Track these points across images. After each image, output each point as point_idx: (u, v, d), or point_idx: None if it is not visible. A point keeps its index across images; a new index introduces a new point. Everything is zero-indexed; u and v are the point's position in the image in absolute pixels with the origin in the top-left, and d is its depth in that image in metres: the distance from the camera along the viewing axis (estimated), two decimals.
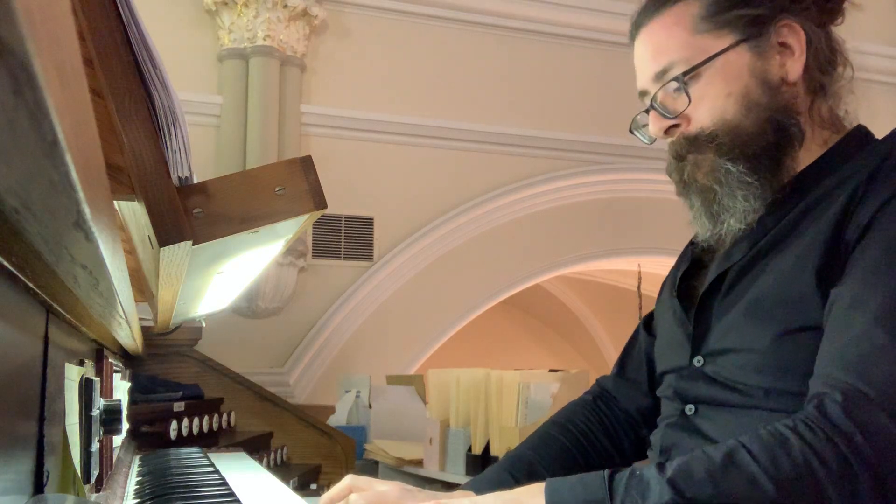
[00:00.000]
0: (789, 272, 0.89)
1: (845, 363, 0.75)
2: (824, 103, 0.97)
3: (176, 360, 2.84)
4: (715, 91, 0.95)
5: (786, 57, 0.95)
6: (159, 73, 0.72)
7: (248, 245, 0.93)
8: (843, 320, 0.79)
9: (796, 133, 0.95)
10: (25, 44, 0.19)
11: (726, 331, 0.95)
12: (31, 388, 0.57)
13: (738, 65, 0.95)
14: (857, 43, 3.00)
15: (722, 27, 0.96)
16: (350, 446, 3.10)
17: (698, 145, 0.97)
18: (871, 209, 0.83)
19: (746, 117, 0.94)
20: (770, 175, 0.94)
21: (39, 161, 0.26)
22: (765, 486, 0.70)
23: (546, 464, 1.08)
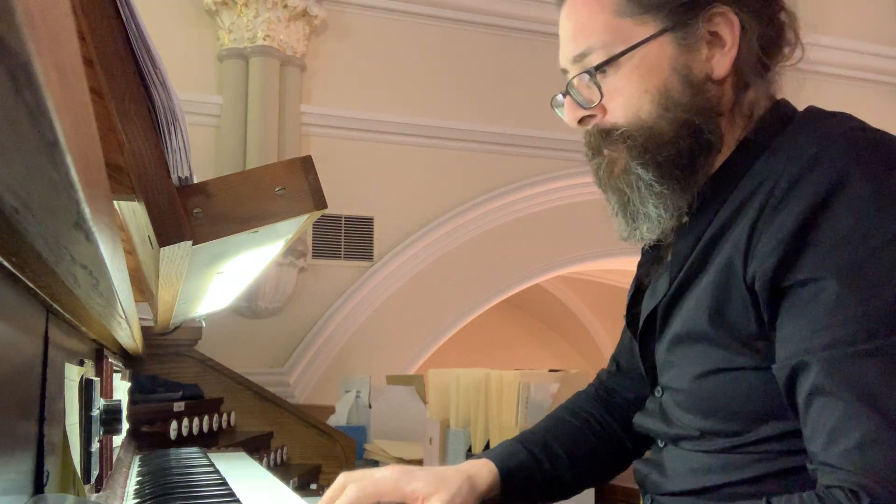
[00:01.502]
0: (693, 313, 0.86)
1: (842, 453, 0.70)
2: (748, 95, 0.89)
3: (176, 360, 2.84)
4: (632, 86, 0.87)
5: (714, 49, 0.87)
6: (159, 73, 0.72)
7: (248, 245, 0.93)
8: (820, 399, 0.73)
9: (713, 139, 0.87)
10: (25, 44, 0.19)
11: (663, 367, 0.96)
12: (31, 388, 0.57)
13: (660, 58, 0.86)
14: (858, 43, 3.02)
15: (647, 11, 0.87)
16: (350, 446, 3.10)
17: (612, 142, 0.90)
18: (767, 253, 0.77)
19: (662, 118, 0.86)
20: (681, 184, 0.88)
21: (39, 161, 0.26)
22: None
23: (560, 442, 1.08)
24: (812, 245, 0.74)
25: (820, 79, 6.11)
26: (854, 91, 6.15)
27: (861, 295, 0.71)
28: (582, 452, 1.09)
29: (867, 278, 0.72)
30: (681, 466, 0.92)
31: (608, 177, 0.93)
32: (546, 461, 1.05)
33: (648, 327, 0.98)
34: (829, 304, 0.73)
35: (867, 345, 0.70)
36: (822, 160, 0.76)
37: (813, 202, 0.74)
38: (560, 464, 1.06)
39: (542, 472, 1.05)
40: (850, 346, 0.71)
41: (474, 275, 5.06)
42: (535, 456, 1.05)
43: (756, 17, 0.87)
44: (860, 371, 0.70)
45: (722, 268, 0.83)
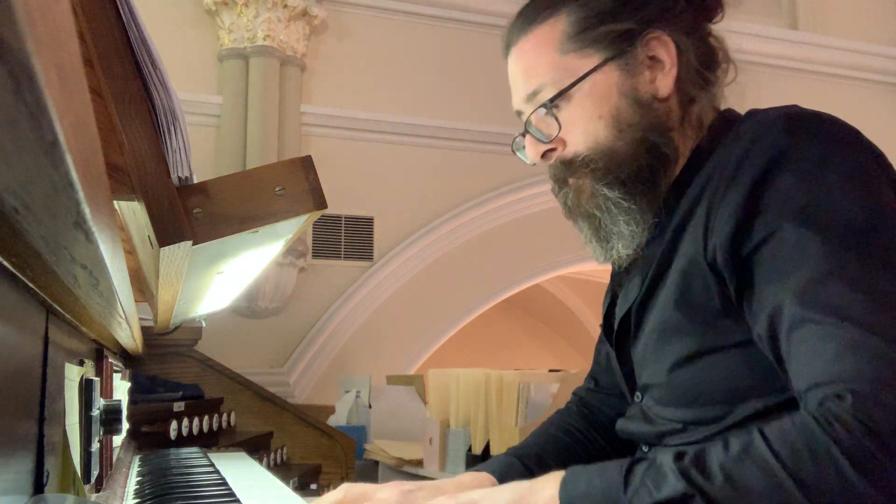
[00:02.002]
0: (665, 305, 0.90)
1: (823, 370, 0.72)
2: (695, 108, 0.94)
3: (176, 360, 2.84)
4: (586, 114, 0.93)
5: (656, 71, 0.93)
6: (159, 73, 0.72)
7: (248, 245, 0.93)
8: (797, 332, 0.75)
9: (669, 152, 0.93)
10: (25, 44, 0.19)
11: (641, 367, 0.98)
12: (31, 388, 0.57)
13: (607, 85, 0.93)
14: (858, 43, 3.02)
15: (588, 46, 0.93)
16: (350, 446, 3.10)
17: (575, 170, 0.95)
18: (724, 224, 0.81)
19: (619, 139, 0.92)
20: (647, 198, 0.93)
21: (39, 161, 0.26)
22: (782, 479, 0.66)
23: (552, 456, 1.09)
24: (762, 208, 0.79)
25: (820, 79, 6.11)
26: (854, 91, 6.15)
27: (817, 231, 0.76)
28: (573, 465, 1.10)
29: (819, 218, 0.76)
30: None
31: (577, 205, 0.97)
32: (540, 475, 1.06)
33: (623, 331, 1.01)
34: (789, 249, 0.77)
35: (832, 269, 0.74)
36: (762, 137, 0.82)
37: (758, 172, 0.80)
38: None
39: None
40: (816, 275, 0.74)
41: (474, 275, 5.06)
42: (531, 470, 1.05)
43: (689, 36, 0.94)
44: (829, 294, 0.73)
45: (684, 256, 0.87)
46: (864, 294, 0.72)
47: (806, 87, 5.93)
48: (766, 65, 5.88)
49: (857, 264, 0.74)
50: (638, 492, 0.70)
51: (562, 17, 0.94)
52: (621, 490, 0.71)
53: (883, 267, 0.74)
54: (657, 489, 0.69)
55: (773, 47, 5.90)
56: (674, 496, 0.68)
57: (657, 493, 0.69)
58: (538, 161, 0.99)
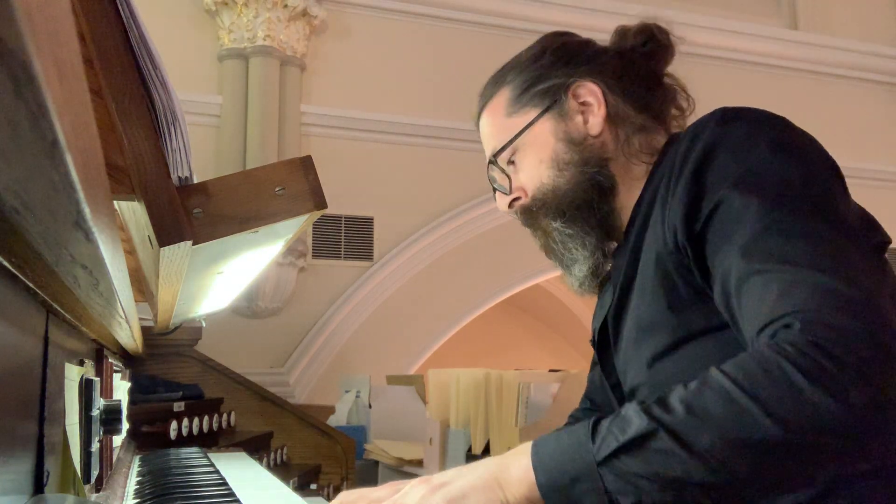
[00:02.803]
0: (638, 304, 0.96)
1: (771, 309, 0.75)
2: (636, 138, 1.04)
3: (176, 360, 2.84)
4: (529, 161, 1.07)
5: (588, 113, 1.04)
6: (159, 73, 0.72)
7: (248, 245, 0.93)
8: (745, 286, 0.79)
9: (604, 180, 1.03)
10: (25, 44, 0.19)
11: (624, 374, 1.02)
12: (31, 388, 0.57)
13: (544, 133, 1.05)
14: (858, 43, 3.02)
15: (526, 105, 1.07)
16: (350, 446, 3.10)
17: (531, 213, 1.08)
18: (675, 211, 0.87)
19: (560, 177, 1.04)
20: (587, 222, 1.04)
21: (39, 161, 0.26)
22: (740, 400, 0.68)
23: None
24: (706, 187, 0.86)
25: (820, 79, 6.11)
26: (854, 91, 6.15)
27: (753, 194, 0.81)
28: None
29: (755, 182, 0.82)
30: None
31: (544, 244, 1.10)
32: None
33: (603, 342, 1.07)
34: (732, 215, 0.82)
35: (770, 223, 0.79)
36: (700, 132, 0.90)
37: (699, 159, 0.87)
38: None
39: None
40: (756, 231, 0.79)
41: (474, 275, 5.06)
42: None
43: (619, 80, 1.05)
44: (769, 245, 0.78)
45: (648, 255, 0.94)
46: (801, 239, 0.77)
47: (806, 87, 5.93)
48: (766, 65, 5.89)
49: (792, 216, 0.79)
50: (605, 439, 0.72)
51: (506, 88, 1.10)
52: (589, 442, 0.73)
53: (816, 215, 0.79)
54: (622, 433, 0.71)
55: (773, 47, 5.90)
56: (637, 434, 0.70)
57: (622, 437, 0.71)
58: (507, 211, 1.12)
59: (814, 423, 0.67)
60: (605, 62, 1.07)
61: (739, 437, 0.68)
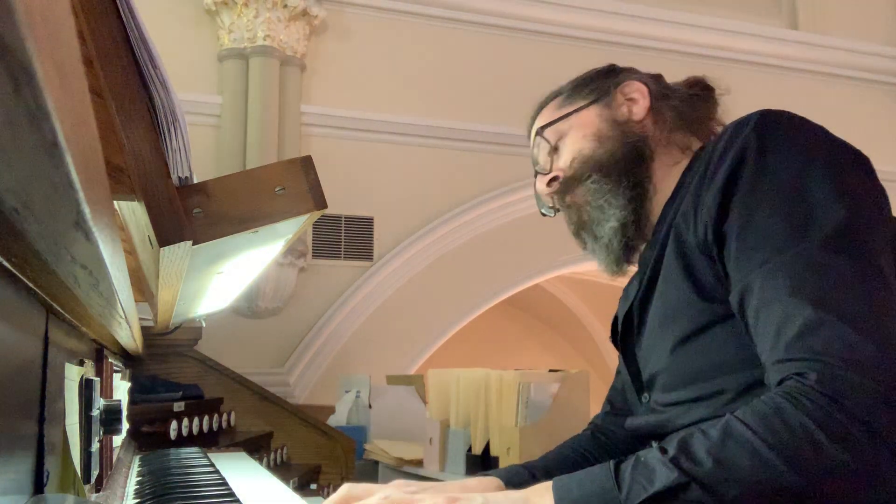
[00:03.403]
0: (664, 292, 0.98)
1: (787, 347, 0.77)
2: (676, 133, 1.11)
3: (176, 360, 2.84)
4: (574, 138, 1.14)
5: (632, 105, 1.12)
6: (159, 73, 0.72)
7: (248, 245, 0.93)
8: (762, 313, 0.81)
9: (642, 147, 1.09)
10: (25, 44, 0.19)
11: (645, 361, 1.04)
12: (31, 388, 0.57)
13: (591, 116, 1.14)
14: (858, 43, 3.01)
15: (576, 100, 1.16)
16: (350, 446, 3.10)
17: (567, 184, 1.13)
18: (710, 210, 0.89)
19: (600, 147, 1.10)
20: (621, 180, 1.08)
21: (39, 161, 0.26)
22: (767, 456, 0.71)
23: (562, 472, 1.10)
24: (740, 189, 0.87)
25: (820, 79, 6.11)
26: (854, 91, 6.15)
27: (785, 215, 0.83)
28: None
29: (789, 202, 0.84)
30: None
31: (576, 218, 1.14)
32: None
33: (627, 330, 1.09)
34: (758, 229, 0.84)
35: (796, 249, 0.81)
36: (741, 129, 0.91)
37: (734, 161, 0.89)
38: None
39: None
40: (780, 255, 0.81)
41: (474, 275, 5.06)
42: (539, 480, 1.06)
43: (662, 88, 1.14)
44: (792, 272, 0.80)
45: (676, 241, 0.96)
46: (823, 276, 0.78)
47: (806, 87, 5.93)
48: (766, 65, 5.88)
49: (820, 247, 0.80)
50: (632, 489, 0.73)
51: (560, 97, 1.20)
52: (615, 489, 0.74)
53: (843, 251, 0.80)
54: (650, 483, 0.72)
55: (773, 47, 5.90)
56: (668, 486, 0.72)
57: (651, 487, 0.72)
58: (547, 192, 1.17)
59: (833, 474, 0.71)
60: (652, 77, 1.17)
61: (766, 487, 0.71)
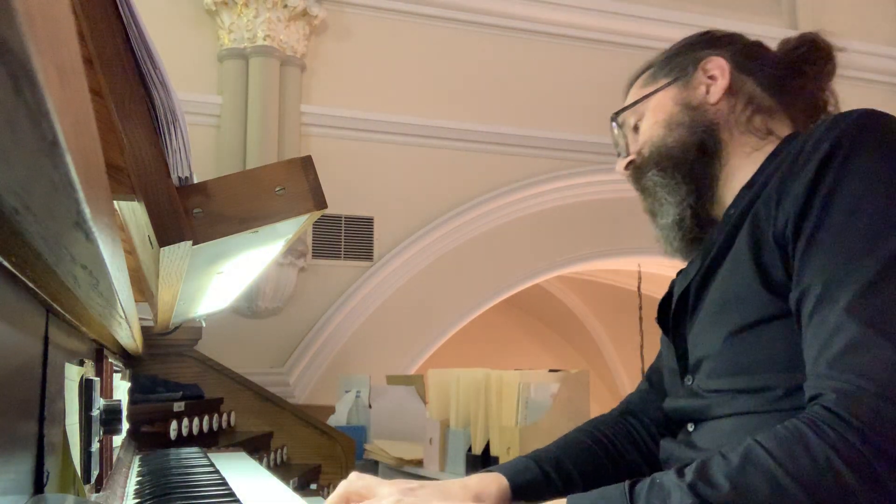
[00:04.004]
0: (728, 277, 0.95)
1: (830, 362, 0.76)
2: (757, 117, 1.07)
3: (176, 360, 2.84)
4: (648, 123, 1.13)
5: (711, 84, 1.09)
6: (159, 73, 0.72)
7: (248, 245, 0.93)
8: (816, 318, 0.80)
9: (708, 142, 1.07)
10: (25, 44, 0.19)
11: (695, 343, 1.01)
12: (31, 388, 0.57)
13: (666, 99, 1.12)
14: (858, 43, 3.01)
15: (659, 77, 1.14)
16: (350, 446, 3.10)
17: (638, 169, 1.13)
18: (794, 201, 0.86)
19: (669, 136, 1.09)
20: (681, 177, 1.08)
21: (39, 161, 0.26)
22: (786, 484, 0.70)
23: (573, 461, 1.09)
24: (821, 189, 0.85)
25: None
26: (854, 91, 6.14)
27: (860, 228, 0.81)
28: (595, 474, 1.09)
29: (868, 214, 0.81)
30: (712, 437, 0.94)
31: (645, 203, 1.14)
32: (558, 480, 1.05)
33: (680, 309, 1.06)
34: (832, 233, 0.82)
35: (862, 263, 0.79)
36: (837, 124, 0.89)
37: (824, 155, 0.86)
38: (572, 484, 1.06)
39: (554, 490, 1.04)
40: (846, 265, 0.79)
41: (474, 275, 5.06)
42: (549, 475, 1.05)
43: (752, 61, 1.10)
44: (853, 286, 0.78)
45: (753, 229, 0.92)
46: (881, 297, 0.76)
47: None
48: None
49: (887, 267, 0.78)
50: None
51: (649, 70, 1.18)
52: None
53: None
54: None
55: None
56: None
57: None
58: (623, 173, 1.17)
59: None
60: (746, 46, 1.13)
61: None
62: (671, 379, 1.09)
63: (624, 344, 7.94)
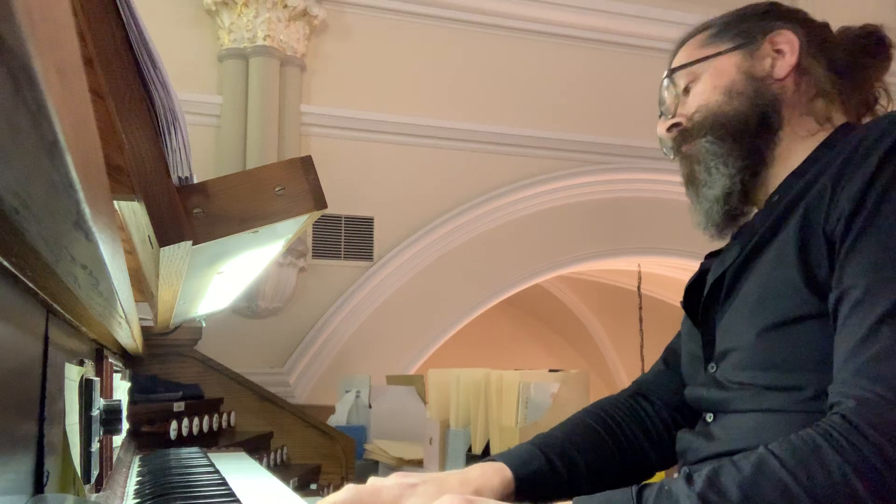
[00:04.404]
0: (770, 269, 0.91)
1: (858, 367, 0.74)
2: (819, 100, 1.03)
3: (176, 360, 2.84)
4: (704, 86, 1.06)
5: (777, 60, 1.04)
6: (159, 73, 0.72)
7: (248, 245, 0.93)
8: (850, 321, 0.78)
9: (772, 117, 1.02)
10: (25, 44, 0.19)
11: (725, 332, 0.97)
12: (31, 388, 0.57)
13: (728, 65, 1.05)
14: None
15: (721, 40, 1.08)
16: (350, 446, 3.10)
17: (686, 134, 1.07)
18: (849, 196, 0.83)
19: (728, 104, 1.03)
20: (738, 148, 1.02)
21: (39, 161, 0.26)
22: (799, 496, 0.68)
23: (579, 449, 1.06)
24: (875, 187, 0.82)
25: None
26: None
27: None
28: (601, 463, 1.07)
29: None
30: (732, 430, 0.91)
31: (689, 171, 1.08)
32: (563, 470, 1.03)
33: (713, 296, 1.01)
34: (880, 235, 0.79)
35: None
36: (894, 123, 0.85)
37: (886, 151, 0.83)
38: (577, 473, 1.04)
39: (558, 481, 1.02)
40: (890, 272, 0.77)
41: (474, 275, 5.06)
42: (553, 464, 1.02)
43: (820, 43, 1.05)
44: (893, 295, 0.76)
45: (800, 221, 0.89)
46: None
47: None
48: None
49: None
50: None
51: (709, 30, 1.11)
52: None
53: None
54: None
55: None
56: None
57: None
58: (666, 136, 1.11)
59: None
60: (815, 26, 1.09)
61: None
62: (692, 364, 1.06)
63: (624, 344, 7.94)
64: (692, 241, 2.37)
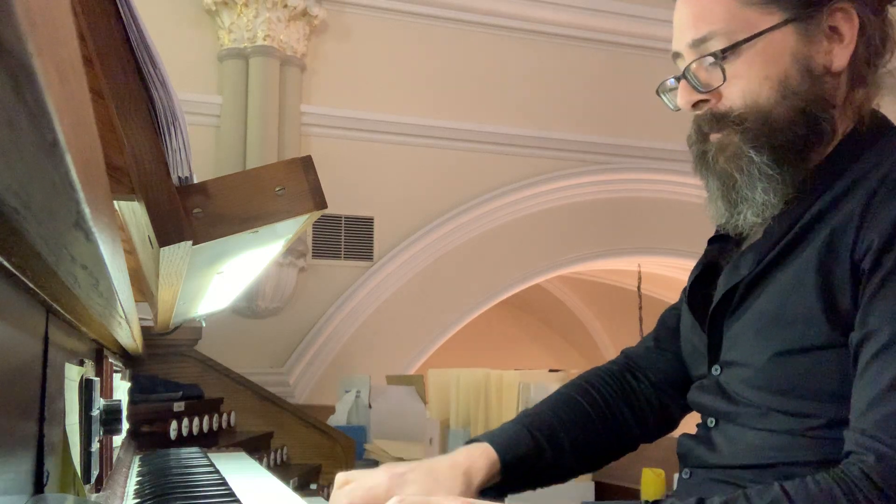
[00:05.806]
0: (789, 290, 0.86)
1: (878, 420, 0.73)
2: (860, 94, 0.92)
3: (176, 360, 2.84)
4: (753, 72, 0.90)
5: (834, 43, 0.89)
6: (159, 73, 0.72)
7: (248, 245, 0.93)
8: (873, 367, 0.76)
9: (826, 129, 0.90)
10: (25, 44, 0.19)
11: (733, 343, 0.94)
12: (31, 388, 0.57)
13: (782, 47, 0.89)
14: None
15: (773, 2, 0.89)
16: (350, 446, 3.10)
17: (724, 125, 0.92)
18: (879, 231, 0.78)
19: (780, 104, 0.89)
20: (793, 169, 0.89)
21: (39, 161, 0.26)
22: None
23: (566, 427, 1.05)
24: None
25: None
26: None
27: None
28: (587, 440, 1.06)
29: None
30: (737, 443, 0.90)
31: (714, 161, 0.94)
32: (549, 450, 1.03)
33: (723, 303, 0.96)
34: None
35: None
36: None
37: None
38: (563, 453, 1.04)
39: (544, 461, 1.02)
40: None
41: (474, 275, 5.06)
42: (539, 444, 1.02)
43: (876, 15, 0.90)
44: None
45: (824, 246, 0.83)
46: None
47: None
48: None
49: None
50: None
51: None
52: None
53: None
54: None
55: None
56: None
57: None
58: (688, 109, 0.96)
59: None
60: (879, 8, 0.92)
61: None
62: (693, 356, 1.03)
63: (624, 344, 7.89)
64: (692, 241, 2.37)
